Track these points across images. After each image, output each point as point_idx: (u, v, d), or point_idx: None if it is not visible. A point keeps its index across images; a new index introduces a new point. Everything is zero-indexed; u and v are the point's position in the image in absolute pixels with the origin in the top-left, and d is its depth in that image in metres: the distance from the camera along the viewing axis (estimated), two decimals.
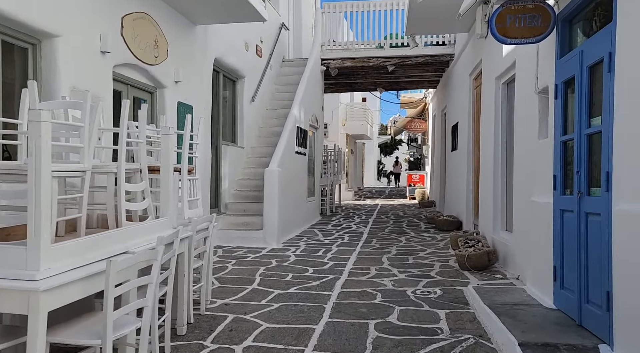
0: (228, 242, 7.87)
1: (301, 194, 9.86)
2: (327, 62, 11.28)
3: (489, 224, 6.70)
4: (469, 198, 8.73)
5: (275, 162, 8.12)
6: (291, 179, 8.92)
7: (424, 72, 12.22)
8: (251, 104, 9.50)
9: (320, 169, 12.24)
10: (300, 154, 9.71)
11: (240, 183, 8.86)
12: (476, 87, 8.45)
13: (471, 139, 8.69)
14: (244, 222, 8.15)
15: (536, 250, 4.47)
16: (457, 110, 9.95)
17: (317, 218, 11.51)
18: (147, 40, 5.44)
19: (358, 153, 24.86)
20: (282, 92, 10.86)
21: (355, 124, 20.11)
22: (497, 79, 6.56)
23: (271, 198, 7.85)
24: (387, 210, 14.02)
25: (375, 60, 11.04)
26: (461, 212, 9.14)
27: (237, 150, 8.95)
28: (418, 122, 17.04)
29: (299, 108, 9.57)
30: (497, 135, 6.56)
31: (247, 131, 9.35)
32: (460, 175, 9.35)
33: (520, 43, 4.10)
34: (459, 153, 9.61)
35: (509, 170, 6.41)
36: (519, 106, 5.35)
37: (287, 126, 8.98)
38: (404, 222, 10.83)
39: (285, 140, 8.67)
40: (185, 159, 4.10)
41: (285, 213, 8.38)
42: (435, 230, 9.37)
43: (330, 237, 8.70)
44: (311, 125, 10.76)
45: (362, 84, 13.75)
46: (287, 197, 8.52)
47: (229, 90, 8.95)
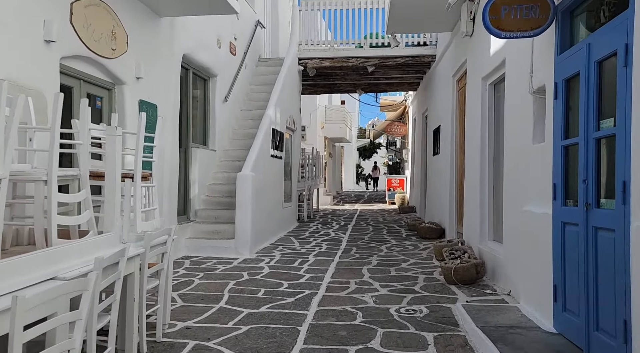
0: (197, 252, 7.32)
1: (277, 200, 9.36)
2: (304, 61, 10.82)
3: (475, 233, 6.31)
4: (451, 205, 8.35)
5: (249, 166, 7.61)
6: (266, 184, 8.41)
7: (404, 73, 11.86)
8: (224, 104, 8.97)
9: (298, 173, 11.76)
10: (276, 158, 9.21)
11: (211, 189, 8.31)
12: (460, 88, 8.10)
13: (454, 143, 8.33)
14: (215, 230, 7.60)
15: (531, 265, 4.08)
16: (439, 113, 9.60)
17: (294, 225, 11.01)
18: (102, 31, 4.88)
19: (337, 156, 24.44)
20: (258, 92, 10.35)
21: (334, 127, 19.69)
22: (484, 80, 6.19)
23: (244, 205, 7.33)
24: (367, 215, 13.61)
25: (355, 61, 10.62)
26: (444, 219, 8.77)
27: (208, 153, 8.40)
28: (398, 125, 16.71)
29: (275, 109, 9.07)
30: (483, 139, 6.19)
31: (220, 133, 8.81)
32: (442, 180, 8.98)
33: (516, 36, 3.70)
34: (442, 157, 9.25)
35: (497, 177, 6.03)
36: (510, 108, 4.97)
37: (262, 128, 8.48)
38: (384, 229, 10.42)
39: (259, 143, 8.16)
40: (138, 163, 3.56)
41: (259, 221, 7.87)
42: (417, 238, 8.98)
43: (308, 246, 8.22)
44: (288, 128, 10.28)
45: (341, 86, 13.33)
46: (261, 204, 8.01)
47: (199, 90, 8.40)
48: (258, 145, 8.09)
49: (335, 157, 23.54)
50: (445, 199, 8.68)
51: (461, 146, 7.94)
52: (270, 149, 8.78)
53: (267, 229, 8.46)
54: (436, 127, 9.87)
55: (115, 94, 5.45)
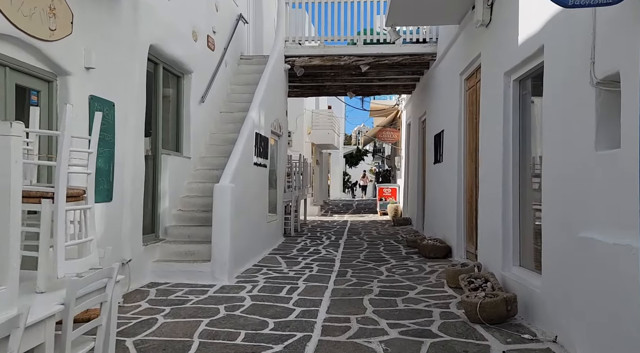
0: (166, 278, 6.20)
1: (261, 213, 8.29)
2: (291, 59, 9.80)
3: (495, 257, 5.33)
4: (460, 221, 7.38)
5: (228, 176, 6.54)
6: (248, 196, 7.34)
7: (400, 74, 10.93)
8: (200, 105, 7.89)
9: (284, 182, 10.71)
10: (260, 166, 8.15)
11: (185, 202, 7.21)
12: (469, 88, 7.16)
13: (462, 150, 7.37)
14: (188, 250, 6.50)
15: (596, 310, 3.09)
16: (442, 116, 8.66)
17: (280, 240, 9.94)
18: (35, 5, 3.79)
19: (324, 164, 23.44)
20: (240, 92, 9.29)
21: (321, 133, 18.68)
22: (507, 75, 5.24)
23: (222, 221, 6.24)
24: (358, 228, 12.60)
25: (347, 59, 9.64)
26: (449, 236, 7.79)
27: (181, 161, 7.31)
28: (390, 131, 15.78)
29: (259, 111, 8.02)
30: (507, 146, 5.22)
31: (195, 138, 7.73)
32: (447, 192, 8.01)
33: (588, 4, 2.72)
34: (445, 166, 8.29)
35: (524, 191, 5.07)
36: (551, 106, 4.00)
37: (243, 132, 7.42)
38: (381, 245, 9.41)
39: (240, 149, 7.09)
40: (63, 178, 2.48)
41: (241, 239, 6.79)
42: (419, 257, 7.98)
43: (296, 267, 7.16)
44: (273, 132, 9.23)
45: (331, 88, 12.35)
46: (242, 219, 6.93)
47: (172, 88, 7.32)
48: (239, 152, 7.02)
49: (322, 164, 22.52)
50: (451, 214, 7.71)
51: (471, 154, 6.98)
52: (254, 156, 7.72)
53: (250, 248, 7.38)
54: (438, 133, 8.93)
55: (57, 87, 4.35)
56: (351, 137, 45.15)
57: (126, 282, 5.46)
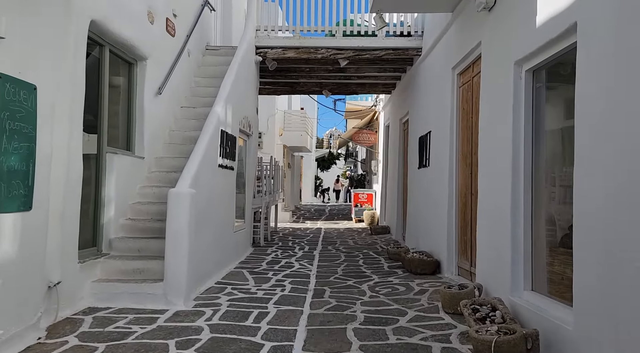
0: (109, 301, 5.15)
1: (226, 222, 7.30)
2: (263, 51, 8.86)
3: (502, 279, 4.53)
4: (450, 233, 6.59)
5: (187, 180, 5.55)
6: (211, 203, 6.36)
7: (381, 71, 10.13)
8: (157, 97, 6.87)
9: (254, 187, 9.73)
10: (226, 168, 7.17)
11: (136, 210, 6.17)
12: (463, 83, 6.38)
13: (455, 153, 6.59)
14: (137, 268, 5.46)
15: None
16: (429, 116, 7.88)
17: (248, 251, 8.95)
18: None
19: (296, 167, 22.49)
20: (205, 86, 8.30)
21: (293, 134, 17.74)
22: (518, 65, 4.46)
23: (177, 234, 5.25)
24: (333, 236, 11.71)
25: (325, 52, 8.77)
26: (438, 249, 6.99)
27: (133, 162, 6.27)
28: (367, 133, 14.98)
29: (225, 106, 7.05)
30: (517, 148, 4.43)
31: (151, 135, 6.70)
32: (435, 200, 7.22)
33: None
34: (433, 171, 7.51)
35: (538, 202, 4.28)
36: (590, 98, 3.21)
37: (207, 129, 6.43)
38: (359, 257, 8.54)
39: (203, 148, 6.11)
40: None
41: (201, 254, 5.80)
42: (403, 271, 7.14)
43: (266, 285, 6.21)
44: (242, 131, 8.26)
45: (306, 85, 11.46)
46: (204, 230, 5.95)
47: (122, 76, 6.28)
48: (201, 152, 6.04)
49: (294, 167, 21.57)
50: (439, 224, 6.91)
51: (465, 158, 6.21)
52: (219, 157, 6.74)
53: (212, 262, 6.39)
54: (423, 135, 8.14)
55: None
56: (323, 141, 44.34)
57: (53, 310, 4.40)
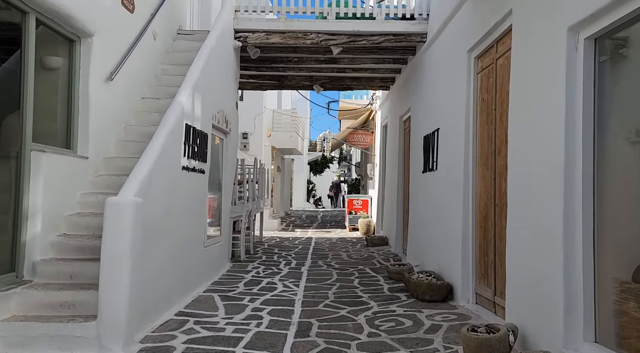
0: (22, 348, 3.89)
1: (194, 237, 6.06)
2: (243, 35, 7.64)
3: (552, 323, 3.33)
4: (467, 251, 5.38)
5: (133, 187, 4.30)
6: (172, 214, 5.12)
7: (379, 62, 8.94)
8: (109, 84, 5.63)
9: (233, 193, 8.50)
10: (194, 172, 5.93)
11: (73, 223, 4.92)
12: (483, 68, 5.20)
13: (472, 153, 5.40)
14: (67, 301, 4.20)
15: None
16: (437, 111, 6.69)
17: (225, 267, 7.70)
18: None
19: (286, 171, 21.23)
20: (173, 74, 7.06)
21: (283, 135, 16.50)
22: (573, 32, 3.28)
23: (116, 255, 4.01)
24: (325, 248, 10.47)
25: (315, 37, 7.56)
26: (450, 269, 5.78)
27: (71, 163, 5.03)
28: (362, 134, 13.79)
29: (193, 96, 5.82)
30: (571, 143, 3.24)
31: (100, 130, 5.46)
32: (446, 210, 6.02)
33: None
34: (441, 176, 6.32)
35: (602, 215, 3.09)
36: None
37: (165, 123, 5.19)
38: (354, 276, 7.31)
39: (159, 146, 4.86)
40: None
41: (154, 279, 4.57)
42: (407, 296, 5.91)
43: (239, 317, 4.97)
44: (216, 128, 7.03)
45: (294, 79, 10.24)
46: (159, 248, 4.71)
47: (60, 56, 5.04)
48: (156, 150, 4.79)
49: (284, 171, 20.31)
50: (451, 241, 5.71)
51: (486, 159, 5.01)
52: (183, 158, 5.50)
53: (172, 288, 5.15)
54: (429, 133, 6.95)
55: None
56: (316, 144, 43.03)
57: None
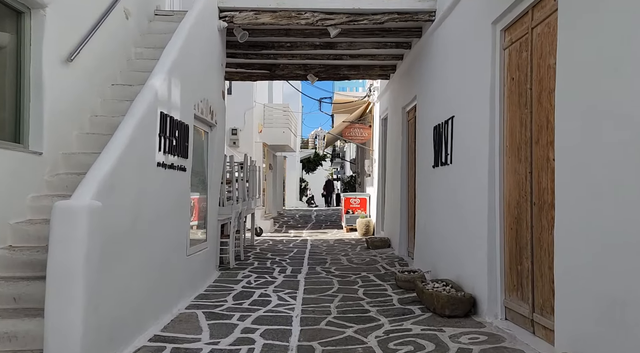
0: None
1: (174, 244, 5.21)
2: (229, 14, 6.78)
3: None
4: (493, 258, 4.59)
5: (90, 187, 3.45)
6: (144, 220, 4.26)
7: (380, 46, 8.13)
8: (67, 66, 4.76)
9: (221, 193, 7.65)
10: (173, 169, 5.08)
11: (22, 232, 4.05)
12: (513, 41, 4.39)
13: (497, 143, 4.60)
14: (7, 332, 3.35)
15: None
16: (450, 97, 5.89)
17: (212, 277, 6.86)
18: None
19: (279, 169, 20.37)
20: (149, 58, 6.20)
21: (275, 132, 15.64)
22: None
23: (66, 273, 3.17)
24: (322, 251, 9.65)
25: (310, 16, 6.73)
26: (472, 278, 4.97)
27: (21, 159, 4.16)
28: (360, 128, 12.97)
29: (169, 81, 4.97)
30: None
31: (58, 121, 4.60)
32: (465, 209, 5.22)
33: None
34: (458, 170, 5.52)
35: None
36: None
37: (135, 111, 4.33)
38: (358, 284, 6.49)
39: (125, 138, 4.01)
40: None
41: (119, 299, 3.73)
42: (422, 310, 5.10)
43: (226, 341, 4.14)
44: (200, 119, 6.18)
45: (287, 67, 9.39)
46: (125, 262, 3.87)
47: (8, 31, 4.17)
48: (122, 143, 3.94)
49: (276, 169, 19.46)
50: (473, 245, 4.91)
51: (518, 149, 4.21)
52: (158, 153, 4.65)
53: (145, 307, 4.31)
54: (440, 123, 6.16)
55: None
56: (308, 142, 42.11)
57: None
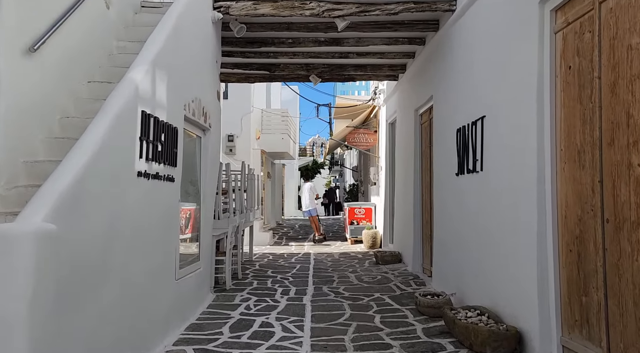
0: None
1: (159, 269, 4.41)
2: (224, 4, 6.02)
3: None
4: (546, 286, 3.80)
5: (43, 206, 2.66)
6: (119, 244, 3.47)
7: (391, 42, 7.39)
8: (31, 57, 3.98)
9: (217, 204, 6.85)
10: (158, 179, 4.29)
11: None
12: (570, 21, 3.64)
13: (549, 146, 3.83)
14: None
15: None
16: (480, 94, 5.13)
17: (207, 301, 6.03)
18: None
19: (277, 177, 19.57)
20: (133, 53, 5.36)
21: (274, 138, 14.86)
22: None
23: (4, 321, 2.35)
24: (327, 267, 8.84)
25: (316, 7, 5.98)
26: (516, 309, 4.16)
27: None
28: (364, 133, 12.21)
29: (153, 73, 4.19)
30: None
31: (17, 122, 3.82)
32: (506, 224, 4.42)
33: None
34: (492, 178, 4.74)
35: None
36: None
37: (107, 108, 3.55)
38: (373, 310, 5.67)
39: (94, 143, 3.22)
40: None
41: (84, 346, 2.90)
42: (455, 345, 4.29)
43: None
44: (191, 121, 5.40)
45: (287, 67, 8.62)
46: (92, 299, 3.07)
47: None
48: (89, 149, 3.15)
49: (275, 177, 18.66)
50: (518, 266, 4.12)
51: (578, 154, 3.44)
52: (139, 160, 3.86)
53: (121, 349, 3.49)
54: (467, 124, 5.40)
55: None
56: (305, 149, 41.19)
57: None
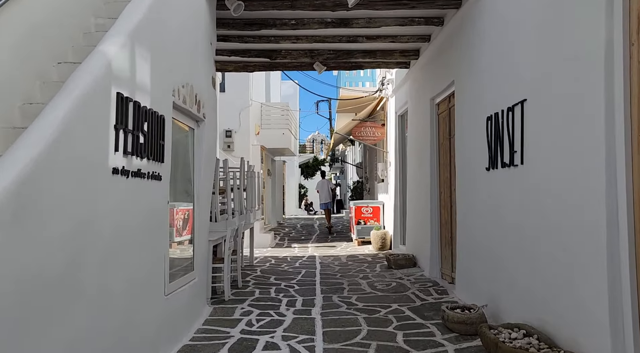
0: None
1: (143, 285, 3.68)
2: None
3: None
4: (618, 303, 3.06)
5: None
6: (90, 259, 2.73)
7: (405, 23, 6.64)
8: None
9: (213, 205, 6.12)
10: (140, 178, 3.55)
11: None
12: None
13: (621, 133, 3.08)
14: None
15: None
16: (517, 75, 4.39)
17: (203, 315, 5.30)
18: None
19: (278, 175, 18.83)
20: None
21: (274, 133, 14.12)
22: None
23: None
24: (336, 272, 8.11)
25: None
26: (578, 329, 3.43)
27: None
28: (371, 126, 11.46)
29: (132, 48, 3.44)
30: None
31: None
32: (555, 227, 3.69)
33: None
34: (534, 172, 4.01)
35: None
36: None
37: (70, 87, 2.80)
38: (393, 326, 4.94)
39: (52, 129, 2.48)
40: None
41: None
42: None
43: None
44: (181, 109, 4.65)
45: (290, 54, 7.87)
46: (56, 330, 2.32)
47: None
48: (45, 137, 2.42)
49: (275, 175, 17.91)
50: (577, 277, 3.39)
51: None
52: (114, 154, 3.12)
53: None
54: (498, 111, 4.66)
55: None
56: (305, 146, 40.42)
57: None
